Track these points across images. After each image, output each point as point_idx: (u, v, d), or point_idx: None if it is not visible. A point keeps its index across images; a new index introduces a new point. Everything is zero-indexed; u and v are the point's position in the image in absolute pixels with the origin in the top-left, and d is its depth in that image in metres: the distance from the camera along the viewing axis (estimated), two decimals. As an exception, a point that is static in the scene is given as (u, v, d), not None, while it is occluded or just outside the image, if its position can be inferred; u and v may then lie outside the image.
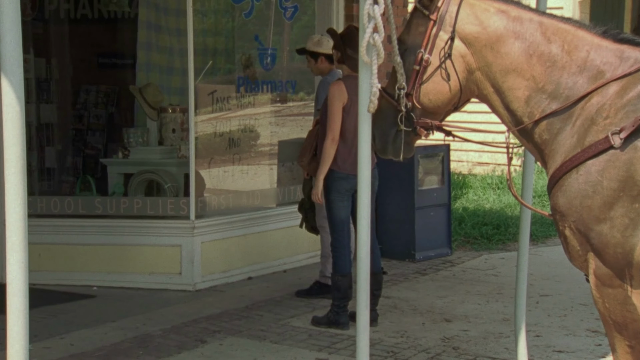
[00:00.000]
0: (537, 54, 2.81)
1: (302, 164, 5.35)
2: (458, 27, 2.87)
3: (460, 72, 2.89)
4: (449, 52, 2.88)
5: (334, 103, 4.97)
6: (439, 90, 2.91)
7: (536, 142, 2.87)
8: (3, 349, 2.50)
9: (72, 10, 7.35)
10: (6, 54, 2.46)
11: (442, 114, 3.02)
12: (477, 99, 3.03)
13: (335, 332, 4.94)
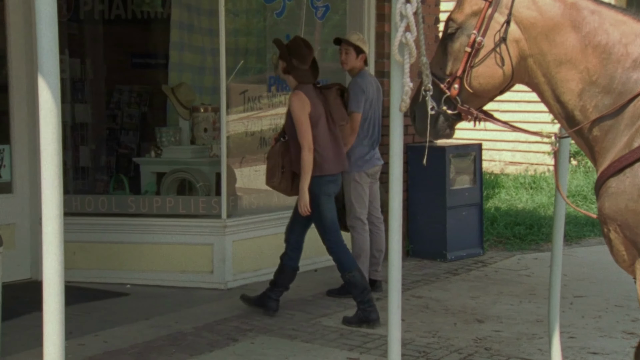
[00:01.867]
0: (592, 45, 2.70)
1: (272, 184, 5.27)
2: (514, 11, 2.76)
3: (514, 57, 2.78)
4: (504, 35, 2.77)
5: (300, 115, 4.97)
6: (491, 75, 2.81)
7: (586, 138, 2.76)
8: (39, 345, 2.54)
9: (107, 11, 7.43)
10: (43, 54, 2.49)
11: (488, 99, 2.92)
12: (527, 87, 2.92)
13: (366, 331, 4.93)
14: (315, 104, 5.03)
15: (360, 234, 5.72)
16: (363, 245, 5.72)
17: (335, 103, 5.27)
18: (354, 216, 5.72)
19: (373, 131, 5.79)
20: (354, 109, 5.64)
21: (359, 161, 5.71)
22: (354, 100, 5.65)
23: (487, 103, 2.96)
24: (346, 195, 5.73)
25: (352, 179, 5.70)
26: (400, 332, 2.95)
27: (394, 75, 2.89)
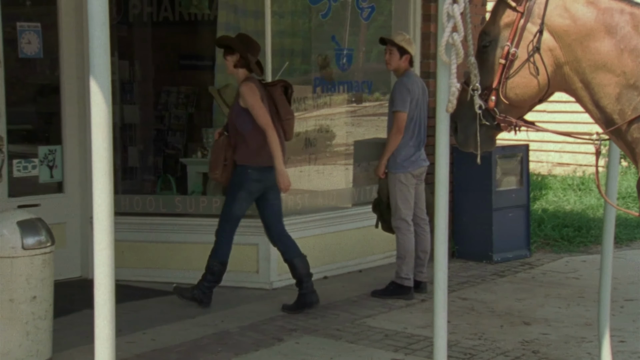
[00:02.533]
0: (628, 49, 2.69)
1: (215, 176, 5.35)
2: (547, 20, 2.76)
3: (549, 66, 2.78)
4: (537, 45, 2.77)
5: (254, 101, 5.13)
6: (527, 85, 2.82)
7: (627, 140, 2.76)
8: (90, 342, 2.59)
9: (155, 14, 7.53)
10: (95, 57, 2.54)
11: (527, 108, 2.92)
12: (565, 94, 2.94)
13: (411, 332, 4.91)
14: (263, 98, 5.18)
15: (405, 235, 5.70)
16: (408, 246, 5.69)
17: (281, 99, 5.37)
18: (399, 217, 5.70)
19: (419, 132, 5.76)
20: (399, 108, 5.62)
21: (405, 162, 5.69)
22: (400, 100, 5.63)
23: (527, 113, 2.96)
24: (391, 196, 5.71)
25: (397, 180, 5.69)
26: (446, 334, 2.94)
27: (441, 75, 2.88)
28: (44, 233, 4.27)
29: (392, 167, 5.70)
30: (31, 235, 4.20)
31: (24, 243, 4.15)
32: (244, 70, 5.28)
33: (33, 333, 4.17)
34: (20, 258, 4.14)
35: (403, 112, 5.62)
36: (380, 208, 5.89)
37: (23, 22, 5.91)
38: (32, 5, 6.40)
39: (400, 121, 5.62)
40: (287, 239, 5.41)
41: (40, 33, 6.01)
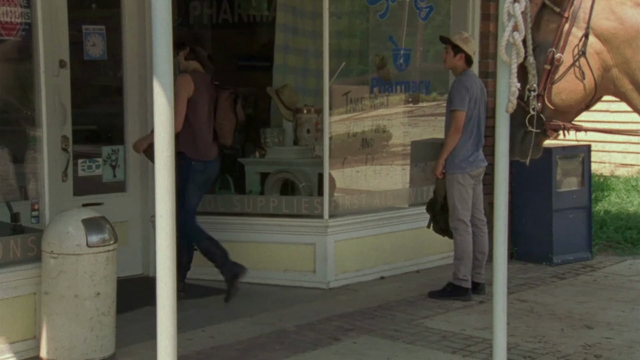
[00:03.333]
0: None
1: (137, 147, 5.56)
2: (593, 23, 2.74)
3: (596, 69, 2.76)
4: (583, 49, 2.75)
5: (180, 94, 5.24)
6: (573, 90, 2.80)
7: None
8: (152, 338, 2.64)
9: (214, 15, 7.63)
10: (158, 59, 2.60)
11: (573, 114, 2.90)
12: (614, 97, 2.89)
13: (470, 334, 4.87)
14: (202, 92, 5.34)
15: (462, 236, 5.65)
16: (466, 247, 5.65)
17: (224, 104, 5.55)
18: (457, 218, 5.66)
19: (477, 132, 5.71)
20: (458, 107, 5.57)
21: (463, 163, 5.64)
22: (458, 98, 5.58)
23: (573, 119, 2.91)
24: (449, 197, 5.67)
25: (455, 180, 5.64)
26: (506, 336, 2.91)
27: (500, 75, 2.85)
28: (107, 231, 4.38)
29: (450, 167, 5.66)
30: (95, 233, 4.31)
31: (88, 241, 4.26)
32: (195, 63, 5.48)
33: (97, 329, 4.28)
34: (85, 255, 4.25)
35: (461, 111, 5.57)
36: (434, 209, 5.85)
37: (88, 25, 6.06)
38: (97, 9, 6.57)
39: (458, 120, 5.58)
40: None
41: (104, 35, 6.16)
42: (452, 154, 5.62)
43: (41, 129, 4.56)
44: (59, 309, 4.23)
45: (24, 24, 4.46)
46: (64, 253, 4.23)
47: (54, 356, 4.26)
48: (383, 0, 6.48)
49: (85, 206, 5.29)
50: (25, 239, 4.42)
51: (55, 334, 4.25)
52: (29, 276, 4.35)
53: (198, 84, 5.36)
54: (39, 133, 4.58)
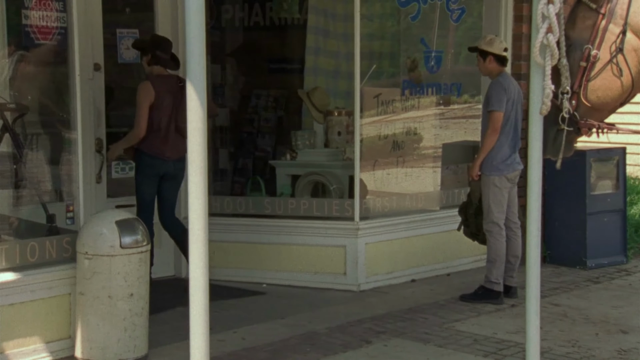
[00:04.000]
0: None
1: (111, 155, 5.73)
2: (630, 20, 2.71)
3: (633, 66, 2.73)
4: (620, 46, 2.72)
5: (141, 102, 5.51)
6: (609, 87, 2.77)
7: None
8: (184, 339, 2.66)
9: (246, 18, 7.68)
10: (191, 62, 2.61)
11: (608, 111, 2.87)
12: None
13: (501, 338, 4.83)
14: (163, 96, 5.54)
15: (496, 239, 5.61)
16: (499, 250, 5.60)
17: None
18: (491, 220, 5.61)
19: (514, 134, 5.64)
20: (496, 107, 5.51)
21: (501, 165, 5.57)
22: (496, 99, 5.52)
23: (608, 116, 2.87)
24: (484, 199, 5.63)
25: (491, 182, 5.59)
26: (539, 340, 2.88)
27: (534, 77, 2.83)
28: (140, 232, 4.42)
29: (486, 169, 5.61)
30: (129, 234, 4.35)
31: (121, 242, 4.31)
32: (158, 67, 5.63)
33: (130, 329, 4.32)
34: (118, 256, 4.30)
35: (499, 111, 5.52)
36: (467, 211, 5.81)
37: (122, 28, 6.14)
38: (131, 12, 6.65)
39: (496, 121, 5.52)
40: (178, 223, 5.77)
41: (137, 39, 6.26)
42: (490, 156, 5.57)
43: (76, 131, 4.63)
44: (93, 309, 4.29)
45: (60, 28, 4.54)
46: (98, 254, 4.28)
47: (88, 356, 4.32)
48: (414, 3, 6.47)
49: (119, 208, 5.36)
50: (61, 240, 4.48)
51: (89, 334, 4.31)
52: (64, 277, 4.41)
53: (159, 88, 5.55)
54: (74, 135, 4.65)
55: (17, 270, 4.25)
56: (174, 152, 5.60)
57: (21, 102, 4.77)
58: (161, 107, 5.55)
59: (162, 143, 5.57)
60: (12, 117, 4.61)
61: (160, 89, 5.55)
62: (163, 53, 5.62)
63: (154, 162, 5.59)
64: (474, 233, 5.79)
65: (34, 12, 4.42)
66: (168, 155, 5.58)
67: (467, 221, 5.80)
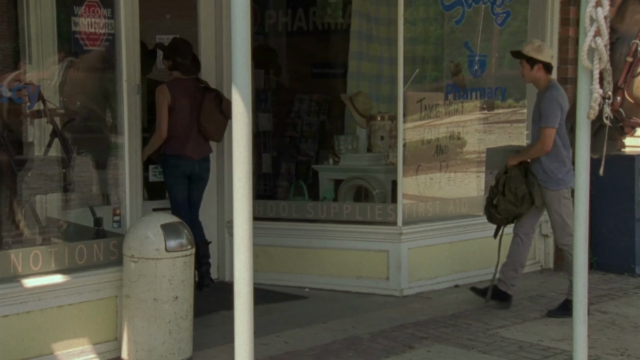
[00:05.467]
0: None
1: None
2: None
3: None
4: None
5: (159, 105, 5.71)
6: None
7: None
8: (228, 342, 2.69)
9: (289, 24, 7.72)
10: (237, 68, 2.64)
11: None
12: None
13: (547, 345, 4.77)
14: (180, 98, 5.70)
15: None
16: None
17: (208, 105, 5.77)
18: (569, 234, 5.24)
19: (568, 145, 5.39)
20: (550, 124, 5.28)
21: (567, 176, 5.36)
22: (552, 115, 5.29)
23: None
24: (554, 216, 5.43)
25: (561, 196, 5.38)
26: (587, 348, 2.84)
27: (581, 81, 2.80)
28: (184, 236, 4.47)
29: (552, 184, 5.38)
30: (173, 238, 4.40)
31: (167, 245, 4.36)
32: (177, 73, 5.79)
33: (175, 332, 4.37)
34: (164, 260, 4.35)
35: (553, 128, 5.32)
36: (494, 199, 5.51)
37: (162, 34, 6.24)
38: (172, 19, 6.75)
39: (549, 137, 5.31)
40: (197, 224, 5.84)
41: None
42: (554, 171, 5.37)
43: (123, 136, 4.70)
44: (139, 311, 4.35)
45: (107, 34, 4.61)
46: (143, 257, 4.34)
47: (134, 358, 4.38)
48: (459, 7, 6.43)
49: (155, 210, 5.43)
50: (108, 243, 4.55)
51: (135, 336, 4.37)
52: (111, 279, 4.48)
53: (176, 91, 5.72)
54: (121, 140, 4.72)
55: (65, 272, 4.33)
56: (197, 152, 5.78)
57: (70, 107, 4.86)
58: (180, 110, 5.71)
59: (184, 144, 5.72)
60: (61, 122, 4.70)
61: (176, 92, 5.71)
62: (182, 59, 5.77)
63: (178, 163, 5.74)
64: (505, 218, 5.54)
65: (83, 19, 4.50)
66: (190, 155, 5.75)
67: (495, 215, 5.55)
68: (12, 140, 4.61)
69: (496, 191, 5.53)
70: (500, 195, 5.47)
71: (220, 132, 5.92)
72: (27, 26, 4.64)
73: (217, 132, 5.89)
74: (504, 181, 5.50)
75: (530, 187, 5.46)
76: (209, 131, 5.85)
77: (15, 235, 4.48)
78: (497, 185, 5.55)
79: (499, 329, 5.12)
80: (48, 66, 4.77)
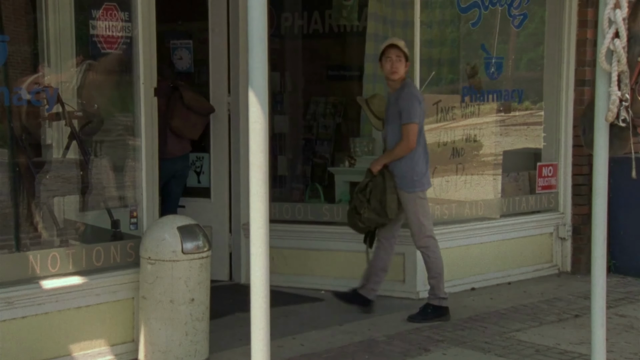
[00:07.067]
0: None
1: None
2: None
3: None
4: None
5: None
6: None
7: None
8: (244, 344, 2.70)
9: (305, 26, 7.73)
10: (253, 71, 2.65)
11: None
12: None
13: (565, 349, 4.74)
14: None
15: (435, 252, 5.37)
16: (440, 263, 5.38)
17: (176, 104, 5.95)
18: (425, 235, 5.34)
19: (426, 147, 5.42)
20: (414, 119, 5.22)
21: (424, 179, 5.36)
22: (413, 110, 5.24)
23: None
24: (411, 216, 5.35)
25: (416, 197, 5.32)
26: (605, 352, 2.83)
27: (600, 83, 2.79)
28: (201, 238, 4.49)
29: (407, 186, 5.32)
30: (190, 240, 4.42)
31: (183, 247, 4.38)
32: None
33: (192, 333, 4.39)
34: (180, 262, 4.37)
35: (416, 123, 5.26)
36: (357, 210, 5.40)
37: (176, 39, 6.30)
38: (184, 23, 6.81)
39: (414, 133, 5.23)
40: None
41: (191, 49, 6.47)
42: (409, 172, 5.30)
43: (140, 138, 4.72)
44: (156, 313, 4.36)
45: (125, 37, 4.64)
46: (160, 259, 4.36)
47: (150, 359, 4.40)
48: (475, 9, 6.42)
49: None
50: (125, 245, 4.58)
51: (152, 338, 4.39)
52: (127, 281, 4.50)
53: None
54: (138, 142, 4.74)
55: (83, 274, 4.36)
56: (174, 150, 5.93)
57: (88, 110, 4.89)
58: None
59: (162, 147, 5.67)
60: (79, 125, 4.73)
61: None
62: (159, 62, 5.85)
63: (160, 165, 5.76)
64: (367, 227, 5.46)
65: (101, 22, 4.53)
66: (169, 156, 5.84)
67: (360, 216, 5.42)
68: (30, 142, 4.64)
69: (362, 199, 5.38)
70: (367, 204, 5.36)
71: (188, 127, 6.03)
72: (46, 29, 4.68)
73: (184, 126, 6.02)
74: (370, 189, 5.37)
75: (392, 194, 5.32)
76: (176, 128, 5.98)
77: (34, 237, 4.51)
78: (363, 192, 5.40)
79: (516, 332, 5.10)
80: (66, 69, 4.80)
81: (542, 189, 6.88)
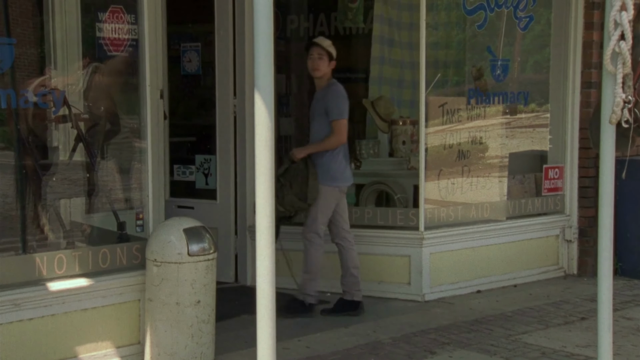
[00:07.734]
0: None
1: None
2: None
3: None
4: None
5: None
6: None
7: None
8: (249, 346, 2.70)
9: (311, 28, 7.73)
10: (259, 73, 2.66)
11: None
12: None
13: (571, 352, 4.73)
14: None
15: (317, 249, 5.48)
16: (317, 262, 5.48)
17: None
18: (314, 230, 5.43)
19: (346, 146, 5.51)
20: (343, 115, 5.39)
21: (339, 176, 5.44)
22: (342, 107, 5.40)
23: None
24: (313, 207, 5.42)
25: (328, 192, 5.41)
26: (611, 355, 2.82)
27: (605, 85, 2.79)
28: (207, 240, 4.49)
29: (324, 179, 5.41)
30: (196, 242, 4.42)
31: (189, 250, 4.38)
32: None
33: (197, 336, 4.39)
34: (186, 264, 4.37)
35: (345, 119, 5.41)
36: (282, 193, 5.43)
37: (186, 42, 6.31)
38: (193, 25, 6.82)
39: (344, 129, 5.38)
40: None
41: (199, 52, 6.45)
42: (326, 167, 5.39)
43: (146, 141, 4.73)
44: (162, 315, 4.37)
45: (131, 39, 4.65)
46: (166, 261, 4.36)
47: (156, 361, 4.40)
48: (481, 11, 6.42)
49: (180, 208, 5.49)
50: (131, 247, 4.59)
51: (158, 340, 4.39)
52: (133, 283, 4.51)
53: None
54: (144, 145, 4.75)
55: (89, 276, 4.37)
56: None
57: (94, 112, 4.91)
58: None
59: None
60: (85, 127, 4.74)
61: None
62: None
63: None
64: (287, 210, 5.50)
65: (107, 25, 4.55)
66: None
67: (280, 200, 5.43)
68: (37, 144, 4.66)
69: (284, 182, 5.43)
70: (288, 188, 5.42)
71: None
72: (52, 32, 4.69)
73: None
74: (291, 174, 5.43)
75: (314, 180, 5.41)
76: None
77: (40, 239, 4.52)
78: (284, 175, 5.44)
79: (522, 334, 5.09)
80: (73, 72, 4.82)
81: (548, 191, 6.87)
